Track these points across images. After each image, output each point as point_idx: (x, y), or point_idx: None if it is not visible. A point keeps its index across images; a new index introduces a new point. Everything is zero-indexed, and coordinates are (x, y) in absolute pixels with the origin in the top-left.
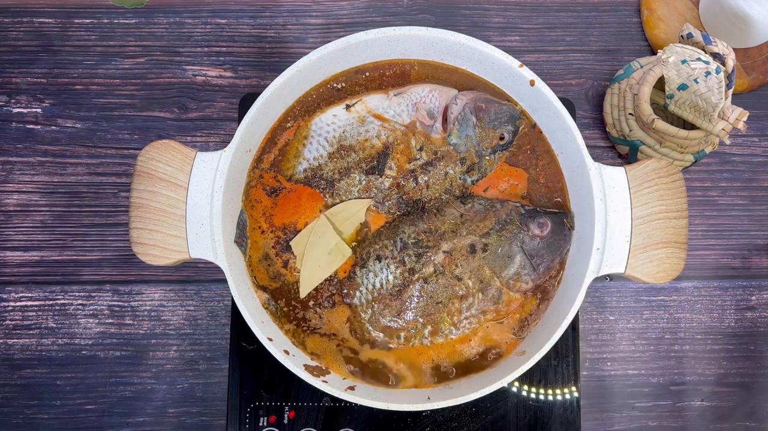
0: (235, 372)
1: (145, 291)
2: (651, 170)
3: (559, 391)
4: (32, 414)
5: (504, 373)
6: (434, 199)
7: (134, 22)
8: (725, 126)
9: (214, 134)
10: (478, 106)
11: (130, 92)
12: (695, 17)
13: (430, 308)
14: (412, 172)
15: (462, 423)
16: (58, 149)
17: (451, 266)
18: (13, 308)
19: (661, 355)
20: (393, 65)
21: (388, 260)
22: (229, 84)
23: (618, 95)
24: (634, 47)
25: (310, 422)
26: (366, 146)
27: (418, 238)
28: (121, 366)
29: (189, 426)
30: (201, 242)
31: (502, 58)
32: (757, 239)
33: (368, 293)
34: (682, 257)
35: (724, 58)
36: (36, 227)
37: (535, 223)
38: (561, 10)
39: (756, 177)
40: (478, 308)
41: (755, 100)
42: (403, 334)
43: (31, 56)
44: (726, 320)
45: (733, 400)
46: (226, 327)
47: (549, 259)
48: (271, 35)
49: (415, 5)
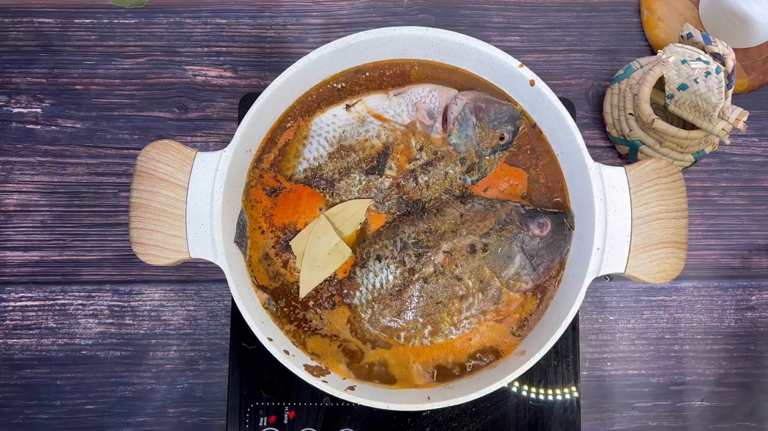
0: (235, 372)
1: (145, 291)
2: (651, 170)
3: (559, 391)
4: (32, 414)
5: (504, 373)
6: (434, 199)
7: (134, 22)
8: (725, 126)
9: (214, 134)
10: (478, 107)
11: (130, 92)
12: (695, 17)
13: (430, 308)
14: (412, 172)
15: (462, 423)
16: (58, 149)
17: (451, 266)
18: (13, 308)
19: (661, 355)
20: (393, 65)
21: (388, 260)
22: (229, 84)
23: (618, 95)
24: (634, 47)
25: (310, 422)
26: (366, 146)
27: (418, 238)
28: (121, 366)
29: (189, 426)
30: (201, 242)
31: (502, 58)
32: (757, 239)
33: (368, 293)
34: (682, 257)
35: (724, 58)
36: (36, 227)
37: (535, 223)
38: (561, 10)
39: (756, 177)
40: (478, 308)
41: (755, 100)
42: (403, 334)
43: (31, 56)
44: (726, 321)
45: (733, 400)
46: (226, 327)
47: (549, 259)
48: (271, 35)
49: (415, 5)
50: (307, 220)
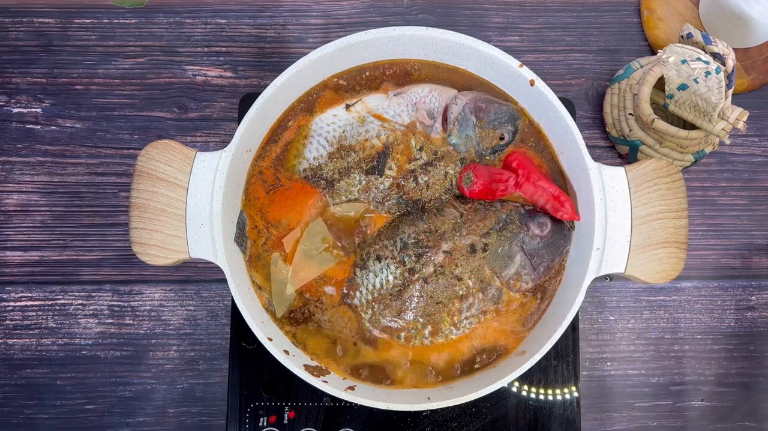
0: (235, 372)
1: (145, 291)
2: (651, 170)
3: (559, 391)
4: (32, 414)
5: (504, 373)
6: (434, 199)
7: (134, 22)
8: (725, 126)
9: (214, 134)
10: (478, 107)
11: (130, 92)
12: (695, 17)
13: (431, 309)
14: (412, 172)
15: (462, 423)
16: (58, 149)
17: (451, 266)
18: (13, 308)
19: (661, 355)
20: (393, 65)
21: (388, 260)
22: (229, 84)
23: (618, 95)
24: (634, 47)
25: (310, 422)
26: (366, 146)
27: (418, 238)
28: (121, 366)
29: (189, 426)
30: (201, 242)
31: (502, 58)
32: (757, 239)
33: (368, 293)
34: (682, 257)
35: (724, 58)
36: (36, 227)
37: (535, 223)
38: (561, 10)
39: (756, 177)
40: (478, 308)
41: (755, 100)
42: (403, 334)
43: (31, 56)
44: (726, 321)
45: (733, 400)
46: (226, 327)
47: (549, 259)
48: (271, 35)
49: (415, 5)
50: (306, 219)
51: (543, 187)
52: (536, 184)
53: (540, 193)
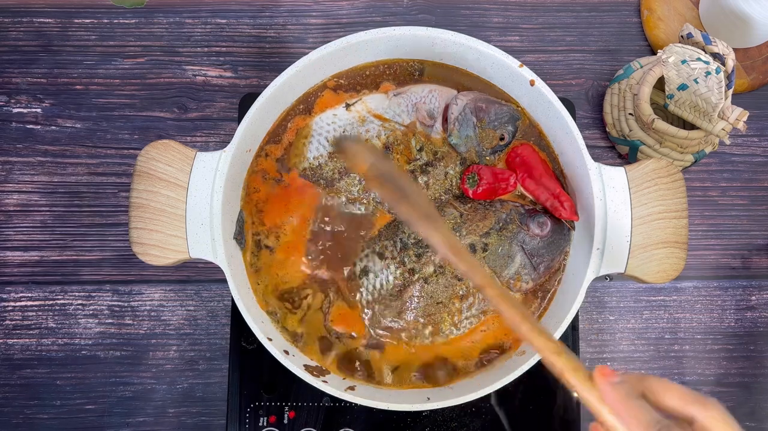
0: (235, 372)
1: (145, 291)
2: (651, 170)
3: (559, 391)
4: (32, 414)
5: (504, 373)
6: (434, 199)
7: (134, 22)
8: (725, 126)
9: (214, 134)
10: (478, 107)
11: (130, 92)
12: (695, 17)
13: (431, 309)
14: (412, 172)
15: (462, 423)
16: (58, 149)
17: (451, 267)
18: (13, 308)
19: (661, 355)
20: (393, 65)
21: (389, 260)
22: (229, 84)
23: (618, 95)
24: (634, 47)
25: (310, 422)
26: None
27: (419, 238)
28: (121, 366)
29: (189, 426)
30: (201, 242)
31: (502, 58)
32: (757, 239)
33: (368, 293)
34: (682, 257)
35: (724, 58)
36: (36, 227)
37: (535, 222)
38: (561, 10)
39: (756, 177)
40: (478, 308)
41: (755, 100)
42: (403, 334)
43: (31, 56)
44: (726, 321)
45: (733, 400)
46: (226, 327)
47: (549, 258)
48: (271, 35)
49: (415, 5)
50: (305, 217)
51: (545, 184)
52: (539, 181)
53: (541, 190)
